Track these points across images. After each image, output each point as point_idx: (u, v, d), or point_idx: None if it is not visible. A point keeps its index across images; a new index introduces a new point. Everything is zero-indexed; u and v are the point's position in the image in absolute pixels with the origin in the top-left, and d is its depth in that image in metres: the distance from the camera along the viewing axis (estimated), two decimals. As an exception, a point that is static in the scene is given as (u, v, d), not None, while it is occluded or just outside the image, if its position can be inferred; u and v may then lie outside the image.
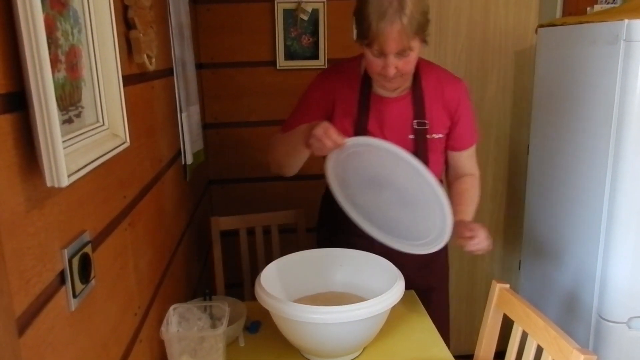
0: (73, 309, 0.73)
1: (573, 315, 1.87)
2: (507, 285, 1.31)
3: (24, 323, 0.60)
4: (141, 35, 1.09)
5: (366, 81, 1.45)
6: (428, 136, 1.46)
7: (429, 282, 1.59)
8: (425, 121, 1.45)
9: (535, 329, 1.17)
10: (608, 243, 1.73)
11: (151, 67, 1.18)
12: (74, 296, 0.73)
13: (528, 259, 2.31)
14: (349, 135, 1.42)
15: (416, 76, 1.45)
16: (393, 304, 1.22)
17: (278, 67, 2.18)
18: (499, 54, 2.41)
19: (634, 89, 1.59)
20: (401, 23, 1.23)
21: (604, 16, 1.76)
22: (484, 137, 2.50)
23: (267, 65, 2.20)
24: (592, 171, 1.78)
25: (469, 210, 1.47)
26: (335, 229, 1.61)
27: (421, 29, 1.28)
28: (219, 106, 2.24)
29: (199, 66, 2.13)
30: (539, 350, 1.15)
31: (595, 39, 1.73)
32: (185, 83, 1.67)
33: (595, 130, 1.75)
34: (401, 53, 1.29)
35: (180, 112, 1.60)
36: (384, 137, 1.46)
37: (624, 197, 1.67)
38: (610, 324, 1.74)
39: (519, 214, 2.49)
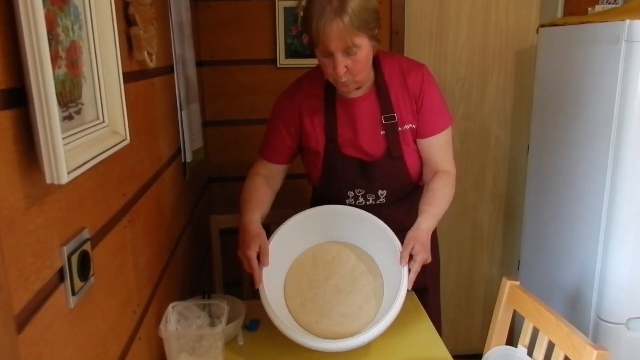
0: (72, 306, 0.73)
1: (572, 315, 1.87)
2: (518, 282, 1.31)
3: (23, 320, 0.60)
4: (142, 32, 1.09)
5: (329, 87, 1.45)
6: (400, 129, 1.45)
7: (424, 282, 1.59)
8: (393, 114, 1.44)
9: (546, 324, 1.17)
10: (607, 244, 1.73)
11: (151, 64, 1.18)
12: (73, 294, 0.73)
13: (527, 259, 2.31)
14: (322, 143, 1.48)
15: (378, 70, 1.44)
16: (389, 324, 1.24)
17: (279, 65, 2.18)
18: (500, 54, 2.41)
19: (634, 89, 1.59)
20: (342, 21, 1.22)
21: (605, 16, 1.76)
22: (483, 137, 2.50)
23: (268, 63, 2.19)
24: (592, 172, 1.78)
25: (433, 212, 1.40)
26: None
27: (366, 26, 1.27)
28: (219, 104, 2.24)
29: (199, 64, 2.13)
30: (550, 346, 1.15)
31: (596, 39, 1.73)
32: (185, 81, 1.67)
33: (596, 130, 1.75)
34: (347, 52, 1.28)
35: (181, 110, 1.60)
36: (356, 136, 1.46)
37: (624, 198, 1.67)
38: (609, 324, 1.74)
39: (519, 214, 2.49)
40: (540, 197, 2.16)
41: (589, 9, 2.21)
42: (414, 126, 1.46)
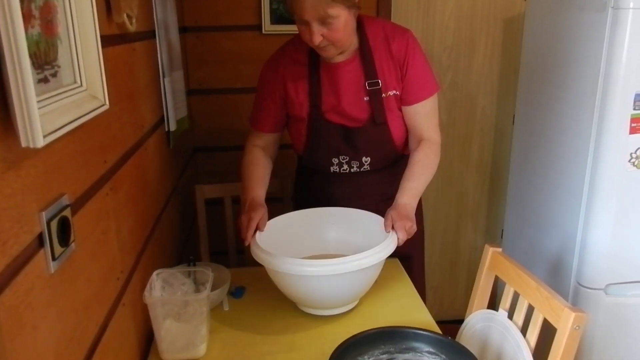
0: (53, 271, 0.72)
1: (553, 282, 1.91)
2: (500, 249, 1.33)
3: (2, 284, 0.59)
4: (120, -6, 1.06)
5: (313, 52, 1.44)
6: (383, 95, 1.44)
7: (407, 251, 1.61)
8: (377, 80, 1.43)
9: (527, 289, 1.19)
10: (589, 212, 1.76)
11: (132, 28, 1.15)
12: (54, 259, 0.73)
13: (510, 227, 2.35)
14: (306, 110, 1.49)
15: (362, 36, 1.43)
16: (386, 256, 1.26)
17: (264, 32, 2.14)
18: (488, 22, 2.39)
19: (619, 57, 1.59)
20: None
21: (593, -17, 1.75)
22: (470, 107, 2.50)
23: (253, 29, 2.15)
24: (575, 140, 1.79)
25: (411, 187, 1.41)
26: (313, 203, 1.60)
27: None
28: (204, 72, 2.20)
29: (183, 30, 2.08)
30: (530, 310, 1.18)
31: (583, 6, 1.72)
32: (168, 47, 1.64)
33: (581, 99, 1.75)
34: (323, 21, 1.28)
35: (163, 77, 1.57)
36: (339, 102, 1.46)
37: (606, 167, 1.69)
38: (589, 290, 1.79)
39: (503, 184, 2.51)
40: (525, 166, 2.18)
41: (578, -24, 2.18)
42: (398, 92, 1.45)
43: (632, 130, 1.65)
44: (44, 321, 0.70)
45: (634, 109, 1.63)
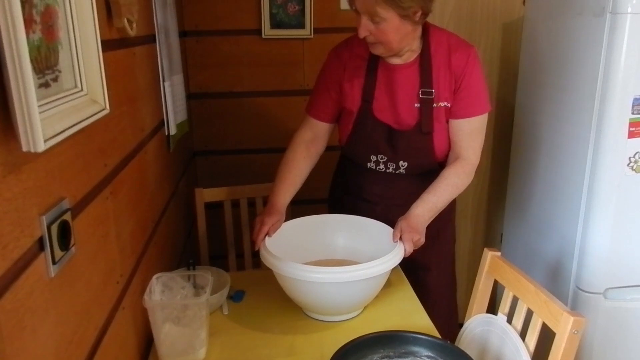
0: (53, 275, 0.72)
1: (552, 286, 1.91)
2: (499, 253, 1.33)
3: (2, 287, 0.60)
4: (121, -1, 1.06)
5: None
6: (434, 105, 1.45)
7: (425, 262, 1.60)
8: (432, 90, 1.44)
9: (526, 293, 1.20)
10: (587, 216, 1.76)
11: (132, 33, 1.15)
12: (54, 263, 0.73)
13: (510, 232, 2.35)
14: (358, 104, 1.50)
15: (425, 43, 1.45)
16: (392, 267, 1.27)
17: (263, 36, 2.15)
18: (487, 26, 2.40)
19: (618, 61, 1.60)
20: None
21: (592, -12, 1.76)
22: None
23: (253, 34, 2.16)
24: (574, 145, 1.79)
25: (430, 200, 1.41)
26: (345, 191, 1.66)
27: (395, 2, 1.27)
28: (204, 76, 2.20)
29: (183, 34, 2.09)
30: (529, 314, 1.18)
31: (582, 10, 1.73)
32: (168, 51, 1.64)
33: (579, 102, 1.76)
34: (372, 18, 1.30)
35: (163, 81, 1.58)
36: (391, 104, 1.47)
37: (605, 171, 1.69)
38: (588, 294, 1.79)
39: (502, 188, 2.51)
40: (524, 170, 2.18)
41: (576, -19, 2.19)
42: (449, 105, 1.46)
43: (631, 135, 1.65)
44: (44, 325, 0.70)
45: (633, 113, 1.63)
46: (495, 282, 1.35)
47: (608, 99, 1.64)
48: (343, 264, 1.29)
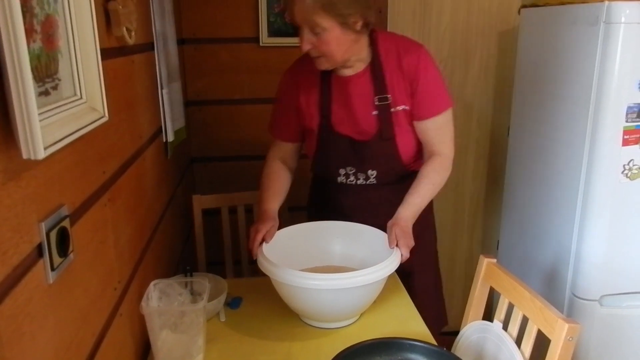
0: (51, 281, 0.73)
1: (548, 293, 1.92)
2: (495, 260, 1.34)
3: (2, 293, 0.60)
4: (120, 7, 1.07)
5: None
6: (392, 109, 1.45)
7: (412, 263, 1.61)
8: (387, 95, 1.44)
9: (521, 300, 1.20)
10: (583, 224, 1.77)
11: (131, 41, 1.16)
12: (52, 269, 0.73)
13: (506, 239, 2.36)
14: (317, 121, 1.51)
15: (374, 51, 1.44)
16: (389, 274, 1.28)
17: (261, 44, 2.16)
18: (483, 35, 2.42)
19: (611, 70, 1.62)
20: None
21: (586, -2, 1.78)
22: (465, 118, 2.52)
23: (250, 41, 2.17)
24: (570, 153, 1.81)
25: (414, 202, 1.42)
26: (321, 208, 1.64)
27: (334, 10, 1.27)
28: (201, 83, 2.22)
29: (181, 42, 2.10)
30: (524, 321, 1.19)
31: (576, 20, 1.75)
32: (166, 59, 1.65)
33: (574, 111, 1.77)
34: (313, 30, 1.30)
35: (161, 89, 1.59)
36: (349, 115, 1.47)
37: (600, 179, 1.71)
38: (583, 301, 1.80)
39: (499, 195, 2.52)
40: (520, 178, 2.20)
41: (571, -10, 2.22)
42: (407, 107, 1.46)
43: (625, 142, 1.67)
44: (43, 331, 0.70)
45: (627, 121, 1.65)
46: (492, 289, 1.35)
47: (602, 107, 1.66)
48: (340, 270, 1.30)
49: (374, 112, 1.46)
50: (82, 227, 0.87)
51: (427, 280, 1.70)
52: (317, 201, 1.70)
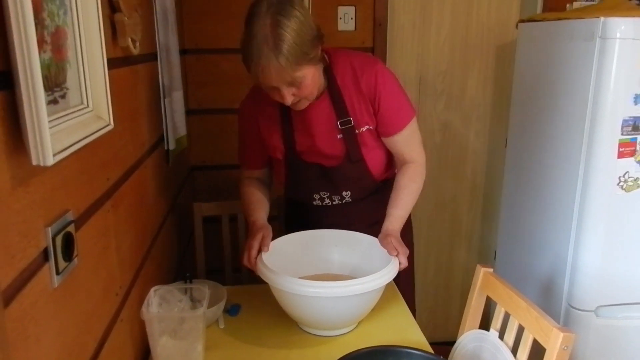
0: (56, 285, 0.75)
1: (544, 303, 1.93)
2: (491, 269, 1.35)
3: (9, 296, 0.62)
4: (126, 18, 1.10)
5: None
6: (357, 131, 1.44)
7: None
8: (349, 118, 1.42)
9: (517, 309, 1.22)
10: (579, 235, 1.79)
11: (135, 51, 1.19)
12: (57, 273, 0.75)
13: (503, 249, 2.37)
14: (282, 152, 1.50)
15: (330, 76, 1.41)
16: (387, 282, 1.29)
17: (262, 55, 2.19)
18: (481, 48, 2.46)
19: (607, 85, 1.65)
20: (278, 62, 1.20)
21: (582, 13, 1.81)
22: (464, 130, 2.54)
23: (252, 52, 2.20)
24: (566, 165, 1.83)
25: (398, 214, 1.44)
26: (301, 225, 1.60)
27: (305, 58, 1.24)
28: (203, 92, 2.24)
29: (183, 52, 2.13)
30: (520, 330, 1.20)
31: (572, 35, 1.78)
32: (169, 68, 1.68)
33: (570, 124, 1.80)
34: (292, 84, 1.27)
35: (164, 98, 1.61)
36: (314, 142, 1.46)
37: (595, 190, 1.73)
38: (579, 312, 1.81)
39: (496, 206, 2.54)
40: (517, 189, 2.22)
41: (567, 5, 2.26)
42: (372, 127, 1.45)
43: (620, 155, 1.69)
44: (47, 334, 0.72)
45: (622, 134, 1.68)
46: (489, 299, 1.37)
47: (598, 120, 1.69)
48: (338, 278, 1.31)
49: (339, 136, 1.45)
50: (86, 233, 0.89)
51: (406, 284, 1.71)
52: (293, 219, 1.70)
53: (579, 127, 1.75)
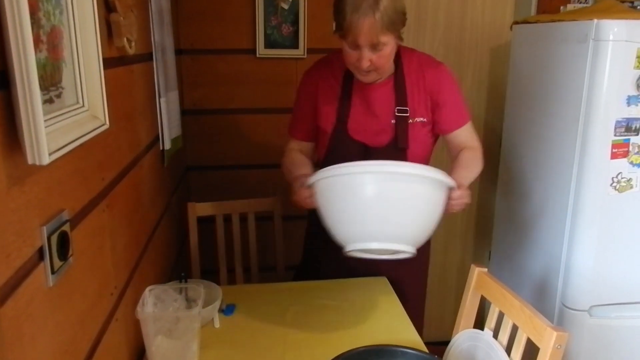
0: (51, 284, 0.75)
1: (538, 303, 1.94)
2: (485, 269, 1.36)
3: (4, 294, 0.62)
4: (121, 18, 1.10)
5: (349, 70, 1.49)
6: (410, 120, 1.50)
7: (402, 272, 1.63)
8: (407, 108, 1.49)
9: (511, 309, 1.23)
10: (572, 235, 1.80)
11: (131, 51, 1.19)
12: (53, 272, 0.75)
13: (498, 250, 2.39)
14: (332, 124, 1.52)
15: (398, 63, 1.50)
16: (447, 185, 1.26)
17: (258, 55, 2.20)
18: (475, 50, 2.47)
19: (600, 86, 1.66)
20: (374, 17, 1.28)
21: (575, 15, 1.83)
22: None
23: (247, 53, 2.21)
24: (560, 166, 1.84)
25: (463, 175, 1.41)
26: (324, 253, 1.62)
27: (394, 26, 1.33)
28: (198, 93, 2.24)
29: (179, 52, 2.13)
30: (514, 329, 1.21)
31: (566, 37, 1.79)
32: (164, 68, 1.68)
33: (564, 125, 1.81)
34: (374, 47, 1.34)
35: (159, 98, 1.61)
36: (367, 121, 1.51)
37: (589, 191, 1.74)
38: (573, 311, 1.82)
39: (491, 206, 2.55)
40: (511, 188, 2.23)
41: (561, 7, 2.27)
42: (425, 120, 1.51)
43: (613, 156, 1.70)
44: (42, 333, 0.72)
45: (615, 135, 1.69)
46: (483, 298, 1.38)
47: (591, 122, 1.70)
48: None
49: (392, 121, 1.50)
50: (81, 232, 0.89)
51: (414, 290, 1.72)
52: (316, 249, 1.71)
53: (572, 128, 1.76)
